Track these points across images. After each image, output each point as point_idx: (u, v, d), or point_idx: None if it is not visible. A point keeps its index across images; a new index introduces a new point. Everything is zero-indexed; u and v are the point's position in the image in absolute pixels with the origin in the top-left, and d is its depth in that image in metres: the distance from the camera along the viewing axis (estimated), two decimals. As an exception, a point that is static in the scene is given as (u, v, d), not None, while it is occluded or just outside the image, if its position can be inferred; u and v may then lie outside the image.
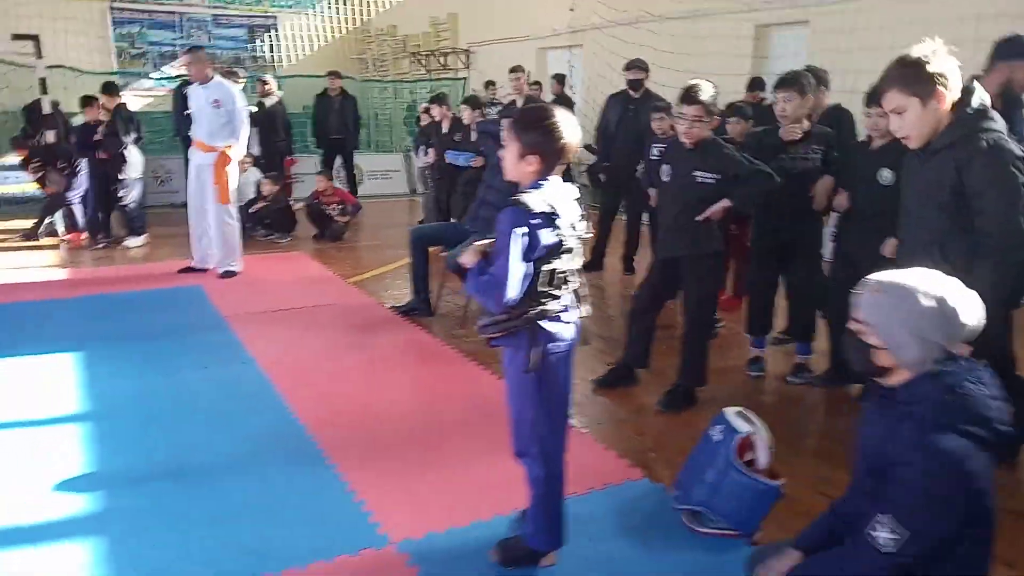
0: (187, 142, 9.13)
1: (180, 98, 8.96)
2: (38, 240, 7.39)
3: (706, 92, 3.25)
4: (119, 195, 7.19)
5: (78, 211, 7.43)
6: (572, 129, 2.04)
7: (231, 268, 5.99)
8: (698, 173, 3.28)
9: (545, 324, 2.05)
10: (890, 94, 2.26)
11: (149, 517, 2.56)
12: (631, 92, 6.30)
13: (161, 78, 15.13)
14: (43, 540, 2.45)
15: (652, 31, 9.28)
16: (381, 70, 17.06)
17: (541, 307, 2.03)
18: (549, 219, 1.98)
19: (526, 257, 1.96)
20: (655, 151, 5.23)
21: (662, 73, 7.00)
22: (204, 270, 6.10)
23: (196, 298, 5.40)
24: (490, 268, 2.00)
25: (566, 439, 2.22)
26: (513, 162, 2.04)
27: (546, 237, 1.98)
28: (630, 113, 6.25)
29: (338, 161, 9.73)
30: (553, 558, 2.30)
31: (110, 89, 7.31)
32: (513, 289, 1.95)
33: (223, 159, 5.77)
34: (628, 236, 6.45)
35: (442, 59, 16.13)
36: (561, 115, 2.05)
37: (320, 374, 3.97)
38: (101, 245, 7.18)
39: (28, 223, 7.58)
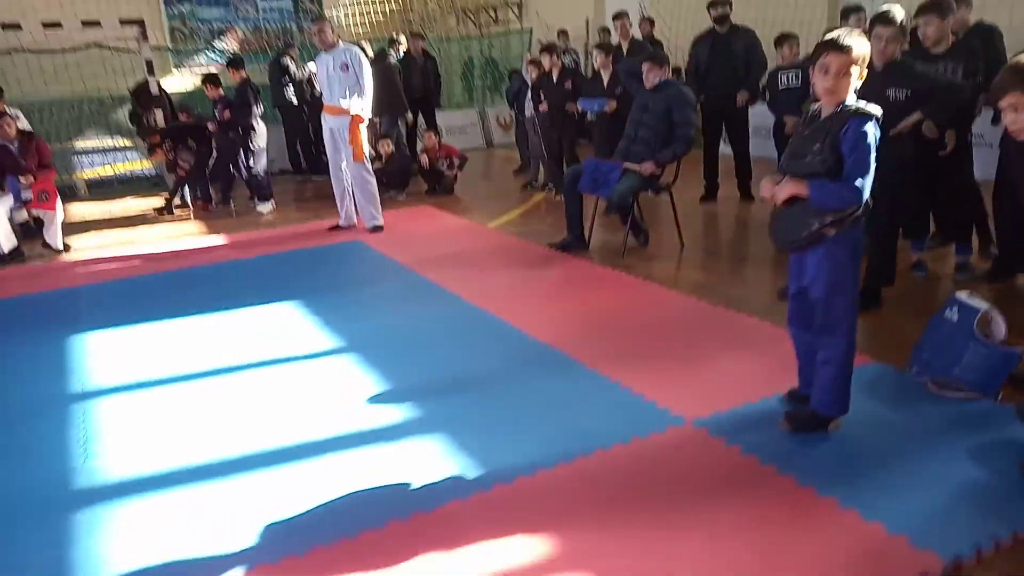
0: (284, 111, 9.55)
1: (277, 68, 9.34)
2: (172, 214, 7.85)
3: (899, 14, 3.55)
4: (249, 164, 7.61)
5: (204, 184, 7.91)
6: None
7: (377, 223, 6.42)
8: (890, 91, 3.58)
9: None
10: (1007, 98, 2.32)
11: (458, 422, 2.99)
12: (716, 27, 6.55)
13: (214, 54, 15.44)
14: (382, 440, 2.89)
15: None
16: (427, 30, 17.20)
17: None
18: (877, 121, 2.34)
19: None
20: (785, 78, 5.53)
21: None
22: (350, 227, 6.54)
23: (364, 251, 5.86)
24: (844, 173, 2.34)
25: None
26: (835, 78, 2.35)
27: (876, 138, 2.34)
28: (720, 48, 6.52)
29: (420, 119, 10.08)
30: (840, 423, 2.71)
31: (236, 64, 7.68)
32: (867, 188, 2.33)
33: (355, 120, 6.15)
34: (740, 166, 6.77)
35: (492, 13, 16.27)
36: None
37: (523, 302, 4.39)
38: (231, 211, 7.64)
39: (141, 200, 8.11)
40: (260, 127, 7.57)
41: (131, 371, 3.73)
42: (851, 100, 2.40)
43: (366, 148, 6.31)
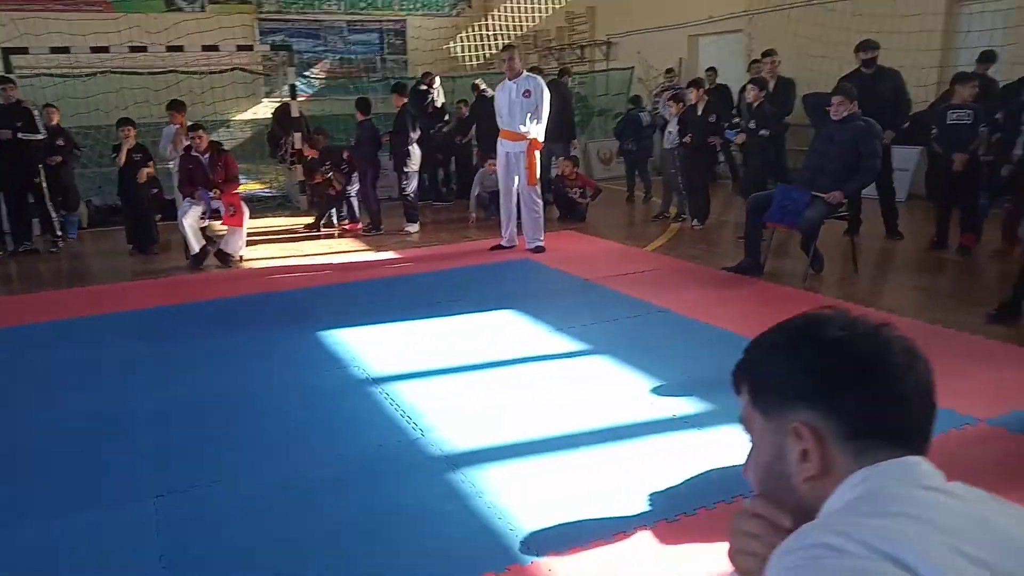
0: (424, 141, 9.97)
1: (417, 97, 9.78)
2: (320, 231, 8.24)
3: None
4: (402, 185, 8.01)
5: (355, 204, 8.29)
6: None
7: (539, 244, 6.74)
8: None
9: None
10: None
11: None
12: (864, 70, 6.84)
13: (305, 83, 16.08)
14: (690, 427, 3.14)
15: (830, 8, 9.68)
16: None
17: None
18: None
19: None
20: (955, 116, 5.80)
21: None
22: (511, 247, 6.86)
23: (538, 267, 6.19)
24: None
25: None
26: None
27: None
28: (867, 88, 6.80)
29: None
30: None
31: (399, 89, 8.14)
32: None
33: (533, 144, 6.53)
34: (887, 204, 6.93)
35: (579, 51, 16.81)
36: None
37: (733, 313, 4.64)
38: (381, 231, 8.00)
39: (281, 219, 8.58)
40: (415, 151, 7.97)
41: (401, 362, 4.03)
42: None
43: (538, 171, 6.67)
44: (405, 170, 7.99)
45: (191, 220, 6.57)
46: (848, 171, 5.35)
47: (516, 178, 6.66)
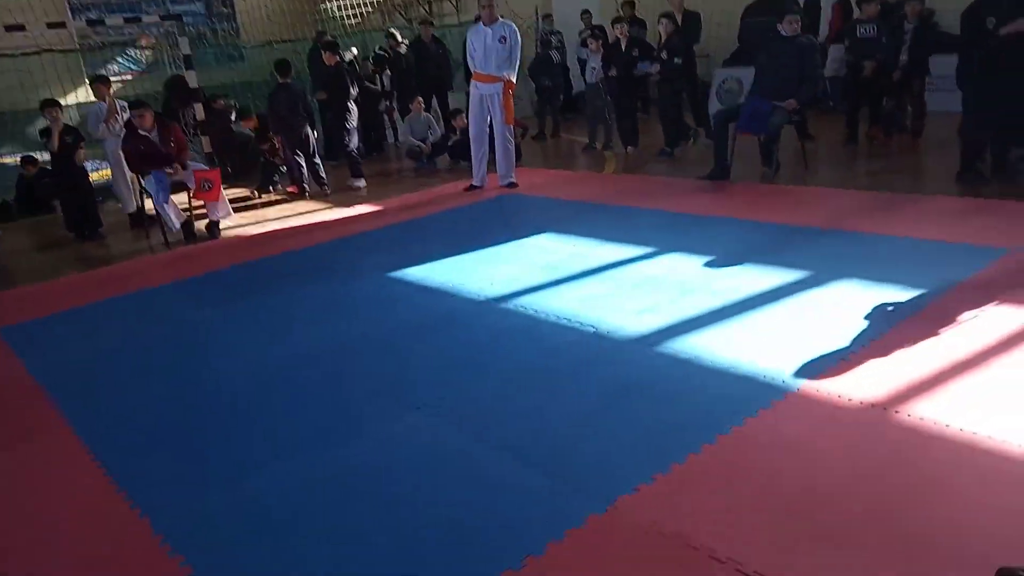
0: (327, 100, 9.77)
1: (316, 57, 9.54)
2: (262, 197, 8.03)
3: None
4: (345, 141, 7.97)
5: (295, 166, 8.14)
6: None
7: (512, 180, 7.10)
8: None
9: None
10: None
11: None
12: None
13: (127, 60, 15.06)
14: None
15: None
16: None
17: None
18: None
19: None
20: (862, 30, 6.81)
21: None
22: (482, 187, 7.16)
23: (532, 199, 6.57)
24: None
25: None
26: None
27: None
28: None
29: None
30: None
31: (332, 47, 7.98)
32: None
33: (509, 86, 6.84)
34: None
35: (427, 7, 16.86)
36: None
37: (728, 205, 5.35)
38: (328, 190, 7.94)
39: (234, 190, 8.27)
40: (353, 107, 7.93)
41: (502, 284, 4.33)
42: None
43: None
44: (347, 126, 7.95)
45: (165, 197, 6.25)
46: (797, 81, 6.18)
47: (488, 118, 6.94)
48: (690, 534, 2.07)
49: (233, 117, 9.33)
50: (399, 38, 9.62)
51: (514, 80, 6.89)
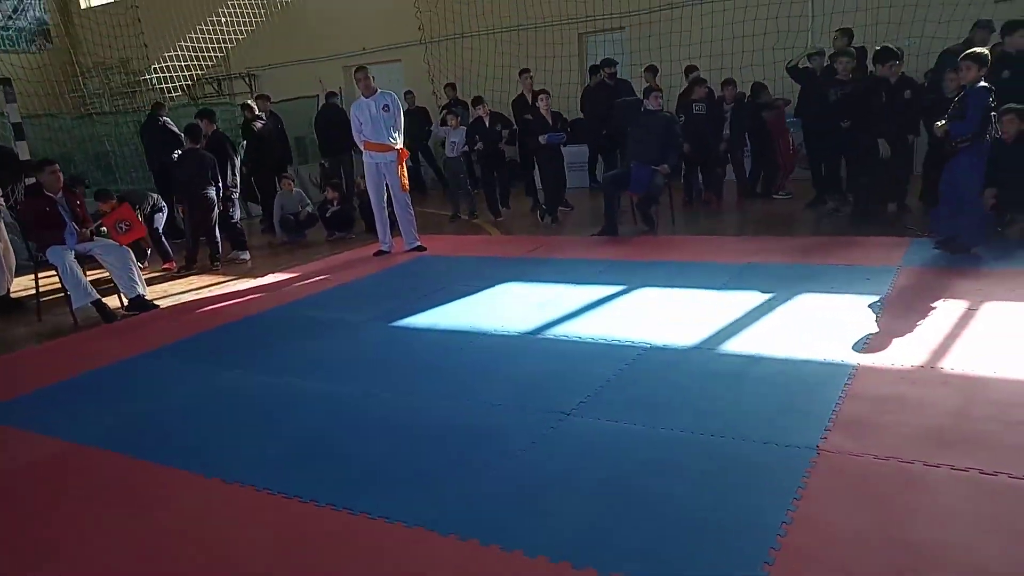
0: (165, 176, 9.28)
1: (157, 129, 9.11)
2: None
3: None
4: (230, 213, 7.71)
5: (164, 241, 7.69)
6: None
7: (418, 243, 7.43)
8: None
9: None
10: None
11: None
12: (607, 81, 9.19)
13: None
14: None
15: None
16: (114, 103, 16.61)
17: None
18: None
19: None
20: (696, 108, 8.30)
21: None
22: (390, 251, 7.40)
23: (461, 259, 6.94)
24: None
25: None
26: None
27: None
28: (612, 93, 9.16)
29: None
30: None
31: (209, 115, 7.71)
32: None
33: (402, 154, 7.23)
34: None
35: (217, 85, 16.52)
36: None
37: (640, 252, 6.28)
38: (217, 265, 7.60)
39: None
40: (237, 178, 7.76)
41: (519, 321, 4.72)
42: None
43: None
44: (232, 196, 7.73)
45: (76, 266, 5.65)
46: (662, 148, 7.36)
47: (385, 185, 7.25)
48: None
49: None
50: (256, 110, 9.50)
51: (403, 147, 7.27)
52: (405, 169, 7.28)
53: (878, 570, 2.12)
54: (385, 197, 7.30)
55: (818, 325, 4.18)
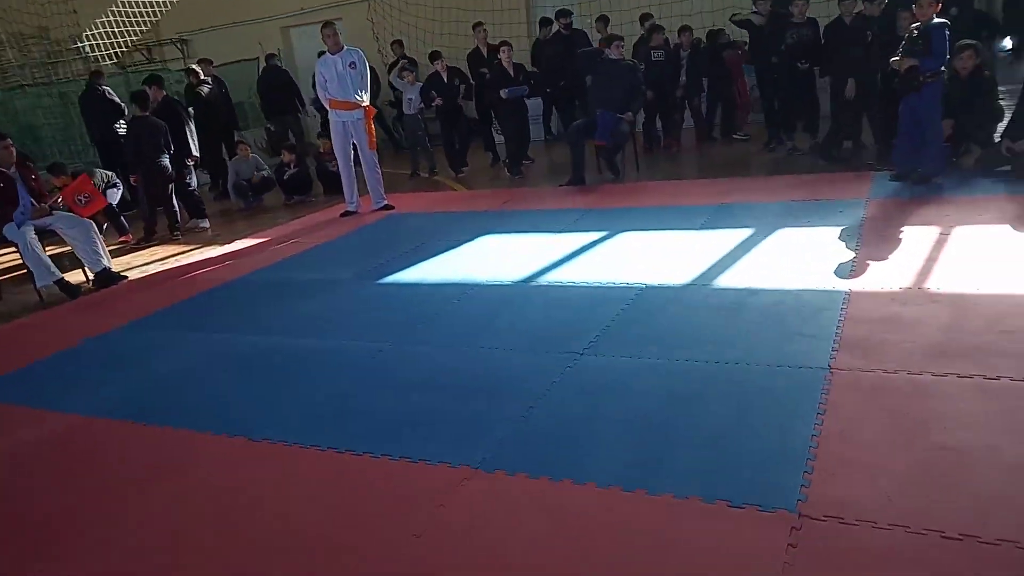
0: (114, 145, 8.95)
1: (97, 99, 8.73)
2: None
3: None
4: (187, 180, 7.49)
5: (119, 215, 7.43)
6: None
7: (386, 202, 7.36)
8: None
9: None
10: None
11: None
12: (563, 32, 9.14)
13: None
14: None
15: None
16: (34, 75, 15.82)
17: None
18: None
19: None
20: (656, 54, 8.38)
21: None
22: (357, 211, 7.31)
23: (426, 216, 6.89)
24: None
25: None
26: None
27: None
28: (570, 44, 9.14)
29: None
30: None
31: (155, 81, 7.40)
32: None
33: (370, 112, 7.11)
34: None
35: (147, 52, 15.84)
36: None
37: (623, 199, 6.38)
38: (177, 235, 7.40)
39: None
40: (195, 144, 7.51)
41: (510, 271, 4.77)
42: None
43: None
44: (187, 163, 7.50)
45: (36, 244, 5.43)
46: (626, 96, 7.42)
47: (352, 144, 7.13)
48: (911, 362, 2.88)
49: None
50: (201, 75, 9.17)
51: (370, 104, 7.16)
52: (373, 127, 7.16)
53: (909, 469, 2.27)
54: (352, 156, 7.18)
55: (803, 257, 4.34)
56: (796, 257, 4.36)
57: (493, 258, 5.16)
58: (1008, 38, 7.27)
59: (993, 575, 1.84)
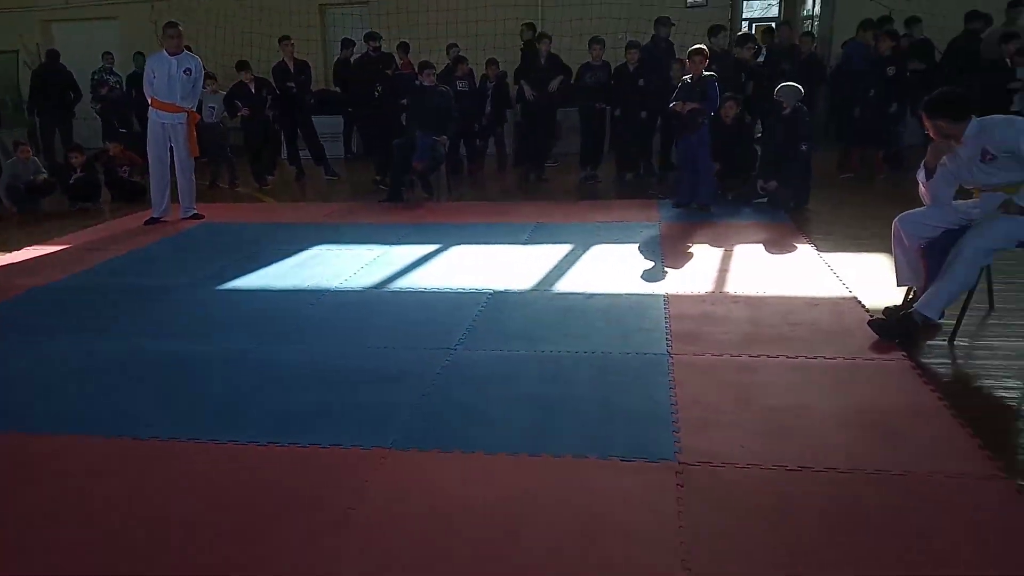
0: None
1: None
2: None
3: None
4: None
5: None
6: None
7: (195, 211, 7.08)
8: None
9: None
10: None
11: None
12: (371, 53, 9.43)
13: None
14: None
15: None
16: None
17: None
18: None
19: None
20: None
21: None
22: (164, 219, 6.96)
23: (242, 226, 6.74)
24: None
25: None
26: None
27: None
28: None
29: None
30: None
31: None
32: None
33: (193, 118, 6.88)
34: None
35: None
36: None
37: (463, 215, 6.81)
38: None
39: None
40: None
41: (352, 281, 4.94)
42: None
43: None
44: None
45: None
46: (440, 120, 7.83)
47: (169, 147, 6.83)
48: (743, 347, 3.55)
49: None
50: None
51: (195, 110, 6.95)
52: (195, 133, 6.89)
53: (751, 423, 2.87)
54: (168, 161, 6.86)
55: (621, 267, 5.01)
56: (615, 267, 5.01)
57: (335, 266, 5.26)
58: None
59: (824, 492, 2.44)
